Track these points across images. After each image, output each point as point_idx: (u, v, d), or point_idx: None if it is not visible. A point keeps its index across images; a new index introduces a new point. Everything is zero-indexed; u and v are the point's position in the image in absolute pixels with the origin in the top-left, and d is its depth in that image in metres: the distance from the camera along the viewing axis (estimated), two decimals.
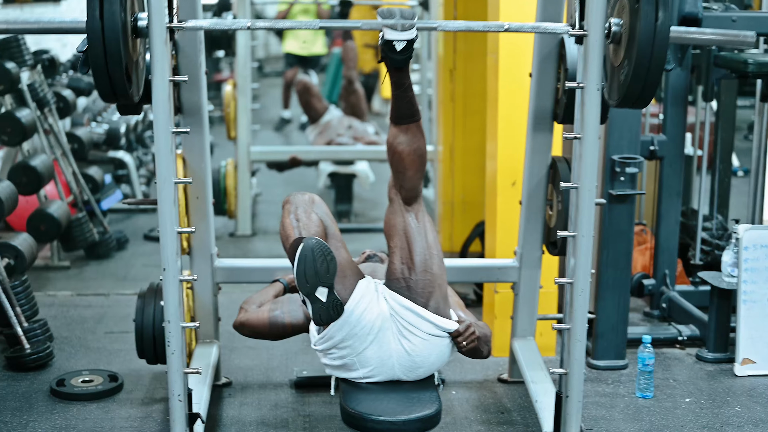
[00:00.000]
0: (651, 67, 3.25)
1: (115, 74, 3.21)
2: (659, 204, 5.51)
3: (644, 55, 3.22)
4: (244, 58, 7.49)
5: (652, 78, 3.28)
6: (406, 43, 3.38)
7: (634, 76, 3.27)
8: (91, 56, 3.18)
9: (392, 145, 3.64)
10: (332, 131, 8.23)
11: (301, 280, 3.36)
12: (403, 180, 3.66)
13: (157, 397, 4.49)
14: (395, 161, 3.66)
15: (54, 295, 6.00)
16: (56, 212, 6.14)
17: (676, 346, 5.17)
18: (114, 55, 3.17)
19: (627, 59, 3.31)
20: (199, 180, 4.32)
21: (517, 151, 4.72)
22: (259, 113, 11.07)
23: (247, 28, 3.43)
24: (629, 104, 3.40)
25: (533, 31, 3.61)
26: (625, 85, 3.32)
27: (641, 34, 3.21)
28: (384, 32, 3.38)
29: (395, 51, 3.39)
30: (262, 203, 8.48)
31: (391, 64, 3.46)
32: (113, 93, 3.28)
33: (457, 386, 4.68)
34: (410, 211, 3.66)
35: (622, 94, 3.38)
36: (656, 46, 3.22)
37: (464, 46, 6.55)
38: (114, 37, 3.15)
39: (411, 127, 3.61)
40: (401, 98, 3.58)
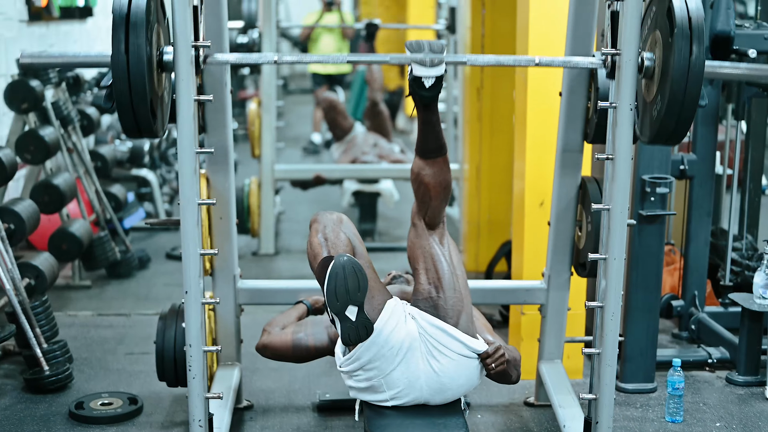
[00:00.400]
0: (685, 103, 3.18)
1: (140, 110, 3.16)
2: (689, 224, 5.41)
3: (678, 91, 3.16)
4: (269, 75, 7.44)
5: (686, 114, 3.21)
6: (435, 79, 3.32)
7: (667, 112, 3.20)
8: (116, 91, 3.13)
9: (418, 176, 3.62)
10: (357, 149, 8.17)
11: (332, 298, 3.29)
12: (427, 208, 3.66)
13: (177, 421, 4.42)
14: (420, 192, 3.65)
15: (74, 315, 5.96)
16: (78, 231, 6.10)
17: (705, 368, 5.06)
18: (139, 90, 3.12)
19: (660, 95, 3.25)
20: (223, 200, 4.26)
21: (546, 171, 4.65)
22: (284, 131, 11.03)
23: (274, 62, 3.38)
24: (662, 141, 3.34)
25: (564, 66, 3.56)
26: (658, 122, 3.26)
27: (675, 69, 3.15)
28: (412, 68, 3.32)
29: (424, 88, 3.33)
30: (286, 222, 8.42)
31: (420, 101, 3.41)
32: (138, 129, 3.22)
33: (483, 410, 4.59)
34: (434, 234, 3.66)
35: (654, 131, 3.32)
36: (690, 81, 3.15)
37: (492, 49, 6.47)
38: (139, 72, 3.09)
39: (438, 161, 3.58)
40: (429, 132, 3.54)
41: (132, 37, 3.07)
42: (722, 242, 5.88)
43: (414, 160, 3.63)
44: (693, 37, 3.14)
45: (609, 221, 3.40)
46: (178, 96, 3.23)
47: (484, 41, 6.53)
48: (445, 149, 3.59)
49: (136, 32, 3.08)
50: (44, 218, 6.21)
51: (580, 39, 3.98)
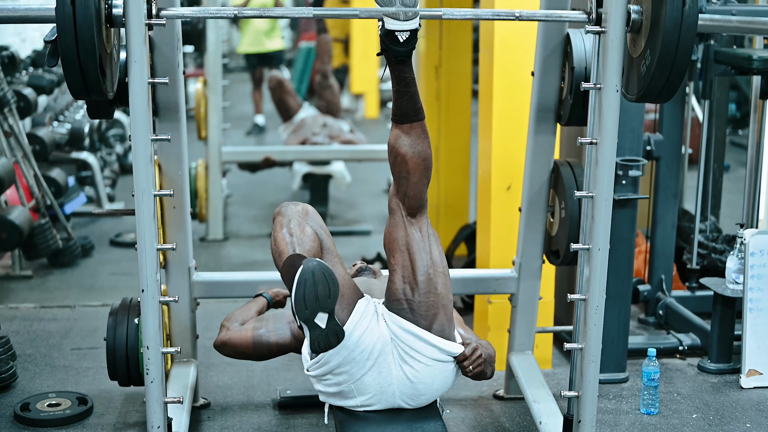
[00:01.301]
0: (678, 56, 2.98)
1: (88, 66, 2.90)
2: (655, 206, 5.28)
3: (670, 44, 2.95)
4: (215, 54, 7.15)
5: (678, 69, 3.01)
6: (409, 33, 3.09)
7: (658, 67, 3.00)
8: (62, 46, 2.87)
9: (394, 147, 3.30)
10: (307, 130, 7.91)
11: (300, 306, 3.04)
12: (406, 186, 3.31)
13: (131, 422, 4.17)
14: (398, 165, 3.31)
15: (16, 307, 5.65)
16: (17, 219, 5.79)
17: (676, 356, 4.93)
18: (87, 44, 2.86)
19: (649, 49, 3.03)
20: (177, 188, 4.00)
21: (514, 152, 4.46)
22: (228, 111, 10.74)
23: (234, 16, 3.12)
24: (651, 98, 3.13)
25: (546, 20, 3.35)
26: (648, 78, 3.05)
27: (667, 20, 2.94)
28: (385, 22, 3.08)
29: (398, 42, 3.10)
30: (234, 205, 8.15)
31: (394, 56, 3.15)
32: (85, 88, 2.96)
33: (451, 404, 4.40)
34: (414, 223, 3.33)
35: (643, 88, 3.10)
36: (683, 33, 2.95)
37: (449, 41, 6.27)
38: (87, 24, 2.84)
39: (415, 127, 3.27)
40: (404, 94, 3.24)
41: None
42: (686, 224, 5.76)
43: (391, 131, 3.33)
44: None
45: (593, 209, 3.22)
46: (130, 54, 2.97)
47: (442, 38, 6.31)
48: (422, 114, 3.29)
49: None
50: None
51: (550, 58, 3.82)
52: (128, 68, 2.99)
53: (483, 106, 4.73)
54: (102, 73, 2.97)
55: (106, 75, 3.03)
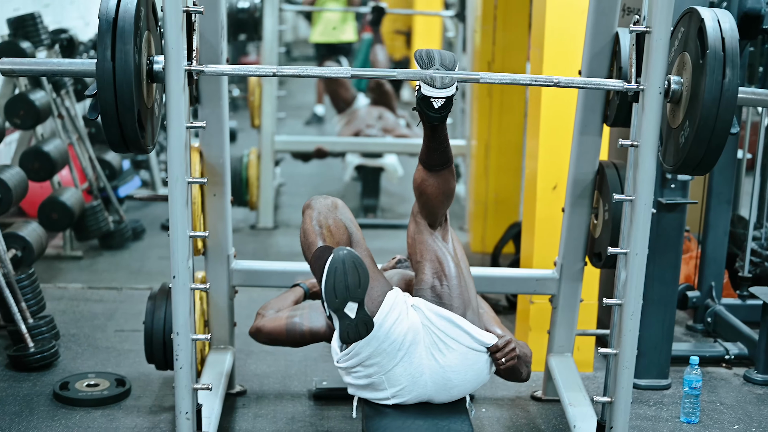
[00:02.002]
0: (716, 129, 2.94)
1: (127, 122, 2.93)
2: (707, 211, 5.16)
3: (709, 116, 2.92)
4: (271, 43, 7.16)
5: (717, 142, 2.98)
6: (444, 100, 3.08)
7: (696, 139, 2.97)
8: (101, 102, 2.90)
9: (420, 186, 3.41)
10: (360, 121, 7.88)
11: (330, 295, 3.04)
12: (428, 212, 3.46)
13: (166, 405, 4.20)
14: (423, 200, 3.44)
15: (64, 287, 5.72)
16: (69, 200, 5.86)
17: (722, 365, 4.82)
18: (126, 101, 2.89)
19: (688, 120, 3.00)
20: (217, 176, 4.01)
21: (560, 152, 4.39)
22: (286, 100, 10.76)
23: (272, 75, 3.13)
24: (689, 170, 3.10)
25: (583, 87, 3.35)
26: (686, 150, 3.03)
27: (706, 92, 2.91)
28: (421, 86, 3.07)
29: (433, 108, 3.09)
30: (286, 194, 8.16)
31: (428, 121, 3.17)
32: (124, 143, 2.99)
33: (488, 403, 4.36)
34: (435, 233, 3.46)
35: (680, 159, 3.09)
36: (722, 106, 2.92)
37: (503, 37, 6.22)
38: (126, 81, 2.87)
39: (442, 173, 3.36)
40: (435, 149, 3.32)
41: (119, 44, 2.85)
42: (740, 231, 5.64)
43: (417, 168, 3.40)
44: (726, 60, 2.92)
45: (632, 213, 3.16)
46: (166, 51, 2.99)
47: (496, 33, 6.27)
48: (451, 161, 3.37)
49: (124, 39, 2.85)
50: (37, 186, 5.99)
51: (597, 57, 3.76)
52: (165, 53, 2.99)
53: (532, 104, 4.67)
54: (141, 127, 2.99)
55: (146, 130, 3.05)
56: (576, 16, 4.19)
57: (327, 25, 11.11)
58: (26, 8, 6.62)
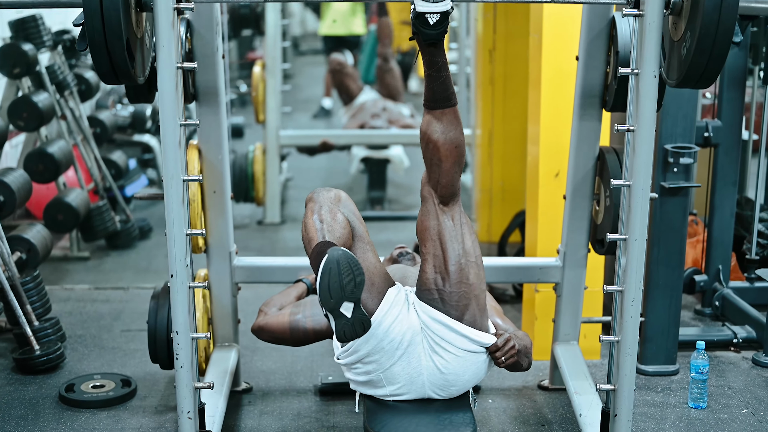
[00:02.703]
0: (717, 38, 2.86)
1: (115, 49, 2.89)
2: (713, 194, 5.12)
3: (710, 25, 2.84)
4: (274, 37, 7.14)
5: (719, 51, 2.89)
6: (440, 15, 3.01)
7: (697, 49, 2.89)
8: (89, 30, 2.87)
9: (426, 133, 3.23)
10: (366, 113, 7.87)
11: (325, 295, 3.00)
12: (438, 174, 3.25)
13: (172, 405, 4.19)
14: (429, 152, 3.25)
15: (71, 288, 5.73)
16: (74, 201, 5.87)
17: (730, 348, 4.79)
18: (114, 28, 2.85)
19: (690, 31, 2.93)
20: (217, 173, 3.99)
21: (561, 138, 4.36)
22: (293, 94, 10.75)
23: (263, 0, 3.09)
24: (692, 83, 3.02)
25: (583, 2, 3.26)
26: (687, 61, 2.94)
27: (707, 0, 2.83)
28: (415, 4, 3.02)
29: (428, 25, 3.02)
30: (293, 189, 8.15)
31: (424, 39, 3.08)
32: (113, 72, 2.96)
33: (494, 394, 4.34)
34: (446, 212, 3.27)
35: (683, 72, 2.99)
36: (723, 13, 2.83)
37: (505, 25, 6.19)
38: (114, 7, 2.84)
39: (447, 113, 3.20)
40: (435, 79, 3.17)
41: None
42: (748, 212, 5.60)
43: (423, 117, 3.27)
44: None
45: (629, 198, 3.13)
46: (158, 38, 2.95)
47: (496, 21, 6.24)
48: (455, 99, 3.23)
49: None
50: (43, 187, 5.99)
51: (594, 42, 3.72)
52: (156, 52, 2.98)
53: (532, 91, 4.64)
54: (131, 57, 2.96)
55: (136, 59, 3.02)
56: None
57: (336, 17, 11.09)
58: (29, 10, 6.62)
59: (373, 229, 6.75)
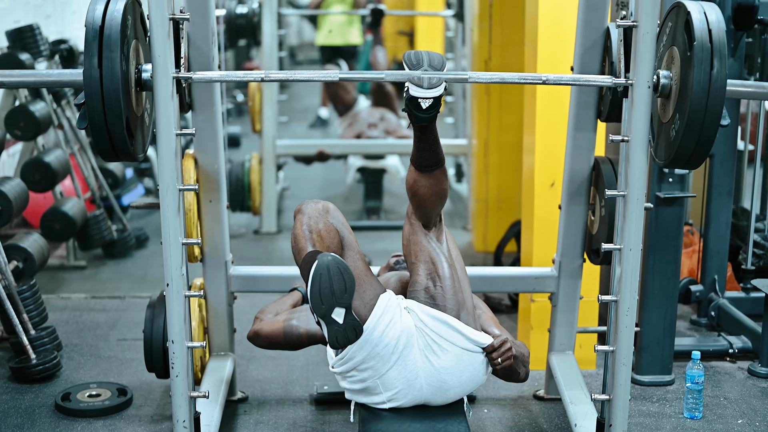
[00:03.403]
0: (705, 122, 2.95)
1: (115, 130, 2.95)
2: (708, 204, 5.13)
3: (698, 109, 2.93)
4: (270, 47, 7.16)
5: (707, 134, 2.99)
6: (432, 101, 3.11)
7: (686, 132, 2.98)
8: (89, 110, 2.92)
9: (412, 187, 3.42)
10: (362, 123, 7.88)
11: (316, 302, 3.03)
12: (421, 215, 3.47)
13: (168, 414, 4.19)
14: (415, 201, 3.44)
15: (67, 297, 5.73)
16: (71, 210, 5.87)
17: (726, 359, 4.80)
18: (114, 108, 2.91)
19: (678, 114, 3.00)
20: (213, 182, 4.00)
21: (556, 148, 4.38)
22: (290, 103, 10.77)
23: (261, 80, 3.17)
24: (680, 164, 3.13)
25: (573, 84, 3.37)
26: (676, 144, 3.05)
27: (695, 84, 2.93)
28: (409, 88, 3.10)
29: (421, 109, 3.12)
30: (290, 198, 8.15)
31: (417, 122, 3.19)
32: (113, 151, 3.01)
33: (490, 404, 4.35)
34: (430, 234, 3.47)
35: (671, 154, 3.10)
36: (711, 98, 2.93)
37: (500, 35, 6.22)
38: (114, 88, 2.90)
39: (435, 174, 3.37)
40: (425, 150, 3.33)
41: (106, 52, 2.88)
42: (743, 222, 5.61)
43: (409, 169, 3.42)
44: (714, 52, 2.93)
45: (624, 208, 3.15)
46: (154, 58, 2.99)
47: (492, 32, 6.26)
48: (443, 161, 3.38)
49: (110, 46, 2.89)
50: (40, 196, 6.00)
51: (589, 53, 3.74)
52: (152, 61, 2.99)
53: (527, 101, 4.66)
54: (130, 135, 3.00)
55: (135, 138, 3.06)
56: (568, 11, 4.17)
57: (333, 27, 11.10)
58: (27, 19, 6.63)
59: (369, 238, 6.78)
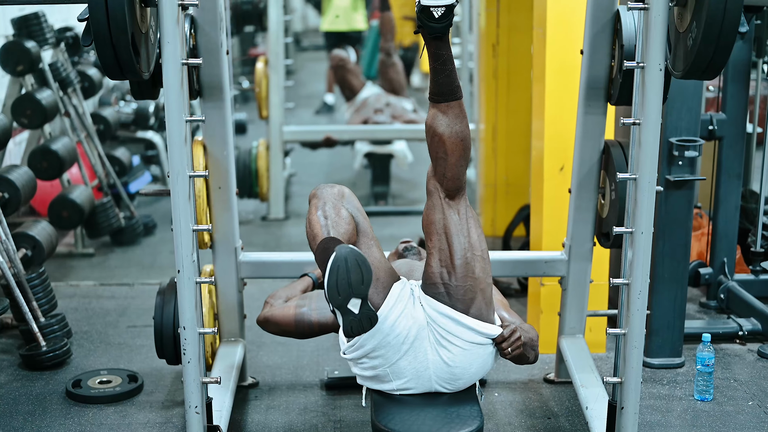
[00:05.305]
0: (723, 28, 2.85)
1: (120, 44, 2.90)
2: (718, 187, 5.12)
3: (716, 15, 2.83)
4: (276, 33, 7.14)
5: (725, 41, 2.87)
6: (444, 9, 3.02)
7: (703, 39, 2.87)
8: (93, 24, 2.88)
9: (431, 127, 3.22)
10: (369, 109, 7.86)
11: (333, 293, 3.01)
12: (444, 168, 3.24)
13: (179, 400, 4.20)
14: (435, 146, 3.24)
15: (76, 285, 5.73)
16: (79, 198, 5.87)
17: (735, 341, 4.79)
18: (119, 22, 2.86)
19: (695, 22, 2.92)
20: (222, 168, 3.99)
21: (566, 132, 4.36)
22: (296, 90, 10.74)
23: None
24: (698, 74, 3.01)
25: None
26: (693, 52, 2.93)
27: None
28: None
29: (433, 18, 3.03)
30: (297, 184, 8.15)
31: (429, 32, 3.08)
32: (118, 66, 2.97)
33: (500, 387, 4.35)
34: (452, 206, 3.26)
35: (689, 63, 2.98)
36: (729, 3, 2.82)
37: (508, 18, 6.20)
38: (118, 1, 2.84)
39: (452, 106, 3.19)
40: (440, 72, 3.17)
41: None
42: (752, 205, 5.60)
43: (429, 110, 3.26)
44: None
45: (635, 192, 3.13)
46: (163, 35, 2.95)
47: (500, 15, 6.27)
48: (460, 93, 3.22)
49: None
50: (47, 184, 6.00)
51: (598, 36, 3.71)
52: (161, 48, 2.98)
53: (536, 85, 4.64)
54: (136, 52, 2.96)
55: (141, 54, 3.03)
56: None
57: (337, 12, 11.06)
58: (32, 7, 6.61)
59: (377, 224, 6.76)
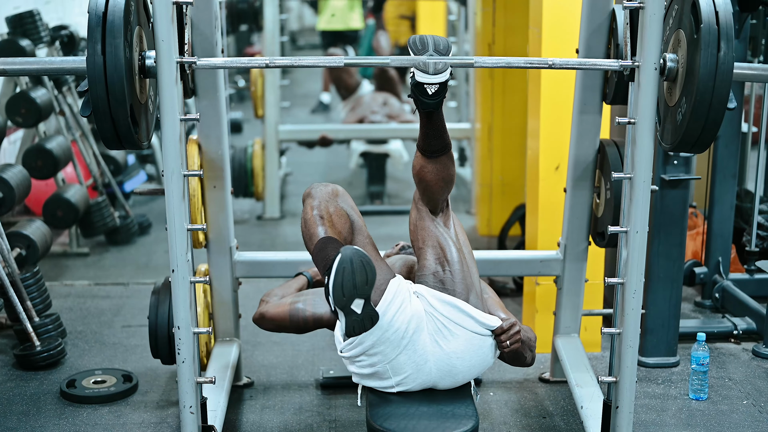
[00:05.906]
0: (712, 105, 2.94)
1: (119, 117, 2.92)
2: (713, 186, 5.13)
3: (705, 92, 2.91)
4: (272, 32, 7.13)
5: (714, 118, 2.98)
6: (438, 86, 3.08)
7: (693, 115, 2.96)
8: (93, 96, 2.90)
9: (419, 173, 3.39)
10: (365, 108, 7.85)
11: (338, 294, 3.02)
12: (428, 201, 3.45)
13: (173, 400, 4.19)
14: (422, 187, 3.42)
15: (71, 284, 5.72)
16: (73, 197, 5.86)
17: (730, 340, 4.80)
18: (117, 95, 2.88)
19: (685, 97, 2.99)
20: (217, 168, 3.99)
21: (561, 131, 4.36)
22: (291, 89, 10.73)
23: (265, 66, 3.13)
24: (687, 147, 3.10)
25: (579, 68, 3.35)
26: (683, 128, 3.03)
27: (701, 67, 2.91)
28: (414, 74, 3.07)
29: (426, 94, 3.09)
30: (292, 183, 8.14)
31: (423, 108, 3.16)
32: (117, 138, 2.99)
33: (495, 386, 4.35)
34: (437, 219, 3.44)
35: (678, 137, 3.08)
36: (718, 81, 2.91)
37: (504, 18, 6.20)
38: (117, 75, 2.87)
39: (441, 159, 3.35)
40: (432, 136, 3.30)
41: (109, 38, 2.86)
42: (747, 205, 5.61)
43: (415, 155, 3.39)
44: (721, 34, 2.90)
45: (630, 191, 3.14)
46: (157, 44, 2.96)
47: (495, 15, 6.24)
48: (449, 147, 3.35)
49: (114, 33, 2.86)
50: (42, 183, 5.99)
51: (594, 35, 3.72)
52: (156, 46, 2.97)
53: (532, 84, 4.64)
54: (135, 123, 2.98)
55: (140, 125, 3.04)
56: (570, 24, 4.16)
57: (334, 12, 11.07)
58: (27, 5, 6.60)
59: (373, 223, 6.76)
